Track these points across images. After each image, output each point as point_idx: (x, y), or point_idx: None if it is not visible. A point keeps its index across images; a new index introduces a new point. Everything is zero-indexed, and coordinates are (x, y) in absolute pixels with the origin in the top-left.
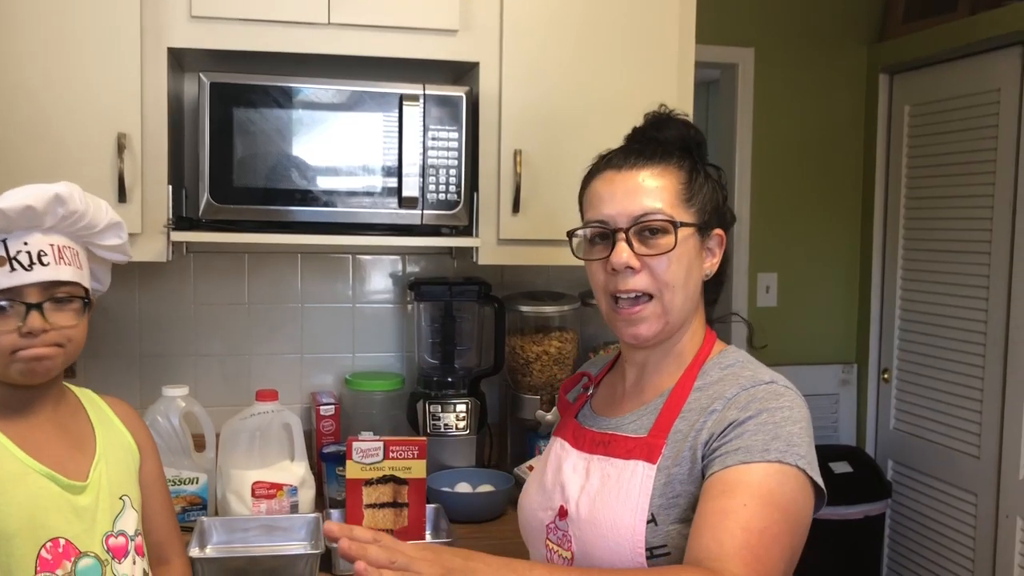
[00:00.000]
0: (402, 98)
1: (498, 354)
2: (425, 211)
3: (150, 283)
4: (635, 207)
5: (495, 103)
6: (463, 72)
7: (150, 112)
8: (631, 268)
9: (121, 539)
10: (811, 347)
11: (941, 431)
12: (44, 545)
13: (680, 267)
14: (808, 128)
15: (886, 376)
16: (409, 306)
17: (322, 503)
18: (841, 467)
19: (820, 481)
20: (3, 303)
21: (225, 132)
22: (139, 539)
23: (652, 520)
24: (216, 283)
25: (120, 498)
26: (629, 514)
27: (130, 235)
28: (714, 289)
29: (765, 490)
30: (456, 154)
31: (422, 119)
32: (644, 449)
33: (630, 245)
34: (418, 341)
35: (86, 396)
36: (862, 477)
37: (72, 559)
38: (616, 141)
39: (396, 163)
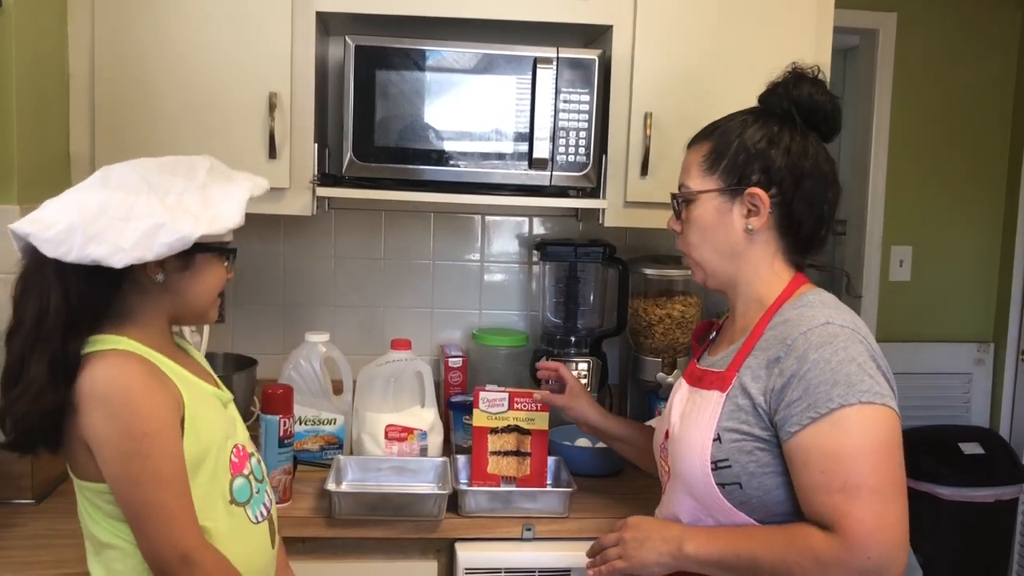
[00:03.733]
0: (536, 61)
1: (621, 315)
2: (554, 172)
3: (294, 237)
4: (679, 182)
5: (627, 66)
6: (596, 35)
7: (299, 73)
8: (675, 231)
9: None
10: (945, 325)
11: None
12: (232, 450)
13: (696, 229)
14: (952, 95)
15: None
16: (534, 266)
17: (449, 449)
18: (972, 448)
19: (889, 402)
20: (231, 252)
21: (367, 93)
22: None
23: (717, 439)
24: (355, 238)
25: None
26: (701, 433)
27: (278, 190)
28: (794, 240)
29: (834, 447)
30: (587, 116)
31: (554, 82)
32: (720, 381)
33: (676, 213)
34: (542, 300)
35: None
36: (994, 460)
37: (248, 460)
38: (747, 105)
39: (528, 125)
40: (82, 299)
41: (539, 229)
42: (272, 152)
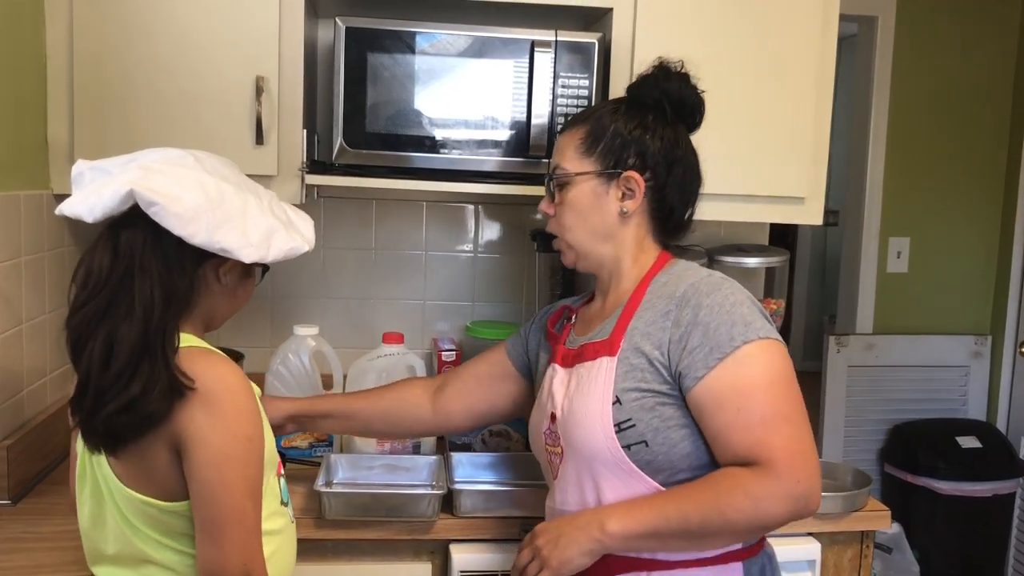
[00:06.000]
0: (533, 44)
1: None
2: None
3: None
4: (552, 164)
5: (627, 50)
6: (595, 18)
7: (287, 56)
8: (547, 214)
9: None
10: (942, 317)
11: None
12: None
13: (573, 211)
14: (951, 84)
15: (1023, 349)
16: (529, 257)
17: (443, 446)
18: (969, 442)
19: (778, 336)
20: (267, 267)
21: (358, 77)
22: None
23: (617, 401)
24: (345, 229)
25: None
26: (598, 400)
27: (266, 177)
28: (663, 222)
29: (744, 383)
30: (586, 102)
31: (553, 66)
32: (606, 347)
33: (550, 196)
34: (537, 292)
35: None
36: (992, 454)
37: (282, 467)
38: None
39: (525, 111)
40: (193, 285)
41: (534, 219)
42: (259, 138)
